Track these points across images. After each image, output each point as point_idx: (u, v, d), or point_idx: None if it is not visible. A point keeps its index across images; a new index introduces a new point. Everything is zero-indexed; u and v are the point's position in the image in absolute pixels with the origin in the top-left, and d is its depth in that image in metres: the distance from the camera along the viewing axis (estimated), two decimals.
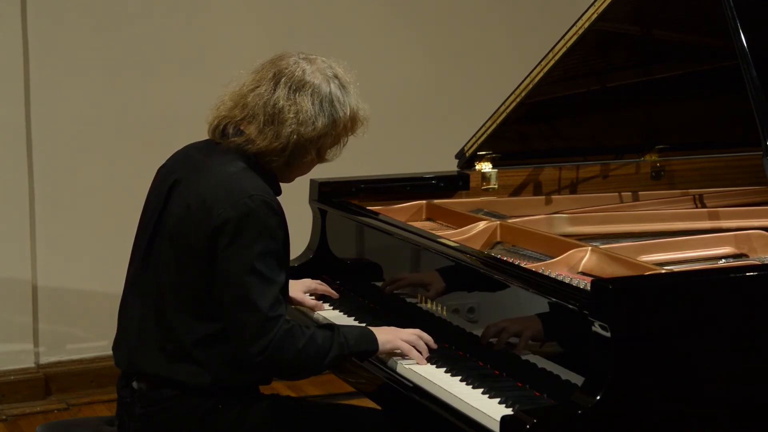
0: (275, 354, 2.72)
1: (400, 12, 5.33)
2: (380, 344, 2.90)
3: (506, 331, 2.82)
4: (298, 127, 2.80)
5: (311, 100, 2.81)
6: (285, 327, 2.73)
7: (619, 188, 3.92)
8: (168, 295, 2.82)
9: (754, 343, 2.61)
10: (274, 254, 2.75)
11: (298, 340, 2.75)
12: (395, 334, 2.93)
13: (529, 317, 2.77)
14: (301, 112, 2.80)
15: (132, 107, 4.88)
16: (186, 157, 2.94)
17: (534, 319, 2.76)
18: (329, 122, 2.83)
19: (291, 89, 2.82)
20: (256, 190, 2.76)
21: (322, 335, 2.81)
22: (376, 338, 2.90)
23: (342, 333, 2.84)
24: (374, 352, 2.91)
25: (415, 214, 3.62)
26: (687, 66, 3.75)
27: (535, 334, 2.76)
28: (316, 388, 4.78)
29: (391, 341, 2.91)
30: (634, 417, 2.49)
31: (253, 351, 2.72)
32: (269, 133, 2.81)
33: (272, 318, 2.72)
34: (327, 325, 2.89)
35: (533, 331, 2.76)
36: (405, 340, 2.91)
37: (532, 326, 2.76)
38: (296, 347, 2.74)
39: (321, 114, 2.82)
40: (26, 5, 4.67)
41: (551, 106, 3.77)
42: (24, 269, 4.78)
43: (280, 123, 2.80)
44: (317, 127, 2.81)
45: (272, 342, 2.71)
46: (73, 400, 4.80)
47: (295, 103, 2.80)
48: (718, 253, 3.17)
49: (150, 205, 2.94)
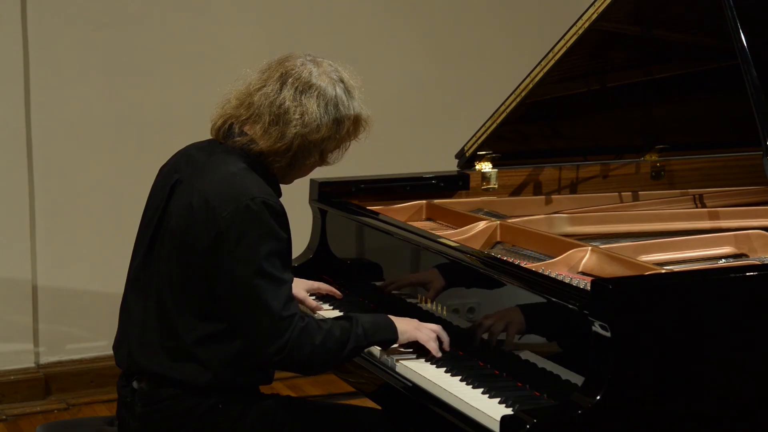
0: (293, 352, 2.73)
1: (400, 12, 5.33)
2: (399, 333, 2.91)
3: (503, 324, 2.83)
4: (303, 128, 2.80)
5: (317, 103, 2.81)
6: (300, 324, 2.74)
7: (619, 188, 3.92)
8: (169, 294, 2.82)
9: (754, 343, 2.61)
10: (280, 255, 2.76)
11: (315, 336, 2.76)
12: (415, 325, 2.94)
13: (528, 317, 2.77)
14: (307, 113, 2.80)
15: (132, 107, 4.88)
16: (188, 156, 2.94)
17: (533, 318, 2.76)
18: (333, 125, 2.83)
19: (297, 90, 2.82)
20: (258, 192, 2.76)
21: (340, 328, 2.82)
22: (395, 327, 2.91)
23: (360, 324, 2.85)
24: (393, 341, 2.92)
25: (415, 214, 3.62)
26: (687, 66, 3.75)
27: (535, 334, 2.76)
28: (316, 388, 4.78)
29: (409, 331, 2.92)
30: (634, 417, 2.49)
31: (271, 351, 2.73)
32: (274, 133, 2.81)
33: (287, 317, 2.72)
34: (345, 317, 2.90)
35: (533, 331, 2.76)
36: (424, 333, 2.92)
37: (532, 326, 2.77)
38: (313, 343, 2.75)
39: (326, 116, 2.82)
40: (26, 5, 4.67)
41: (551, 106, 3.77)
42: (24, 269, 4.78)
43: (285, 124, 2.80)
44: (322, 130, 2.82)
45: (289, 341, 2.72)
46: (73, 400, 4.80)
47: (301, 105, 2.80)
48: (718, 253, 3.17)
49: (152, 204, 2.94)
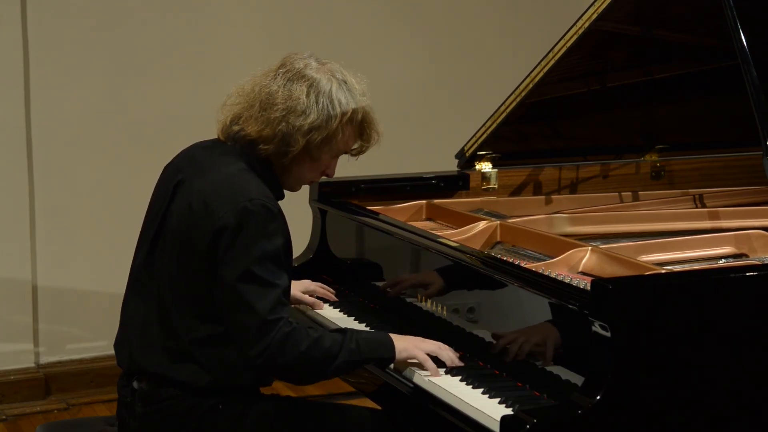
0: (276, 356, 2.70)
1: (400, 12, 5.33)
2: (397, 352, 2.83)
3: (514, 343, 2.78)
4: (288, 114, 2.79)
5: (306, 92, 2.80)
6: (285, 329, 2.71)
7: (619, 188, 3.91)
8: (170, 295, 2.82)
9: (754, 343, 2.61)
10: (273, 257, 2.74)
11: (300, 342, 2.72)
12: (415, 343, 2.86)
13: (528, 318, 2.77)
14: (292, 99, 2.79)
15: (132, 107, 4.88)
16: (191, 156, 2.94)
17: (534, 319, 2.76)
18: (322, 117, 2.80)
19: (287, 79, 2.82)
20: (256, 194, 2.75)
21: (331, 339, 2.76)
22: (393, 346, 2.83)
23: (354, 339, 2.78)
24: (390, 360, 2.84)
25: (415, 214, 3.62)
26: (687, 66, 3.75)
27: (535, 334, 2.76)
28: (316, 388, 4.77)
29: (409, 350, 2.84)
30: (634, 417, 2.49)
31: (252, 353, 2.71)
32: (261, 118, 2.81)
33: (271, 321, 2.70)
34: (338, 330, 2.85)
35: (533, 331, 2.76)
36: (424, 350, 2.84)
37: (532, 327, 2.76)
38: (298, 350, 2.71)
39: (314, 107, 2.80)
40: (26, 5, 4.67)
41: (551, 106, 3.77)
42: (24, 269, 4.78)
43: (270, 107, 2.80)
44: (308, 119, 2.79)
45: (271, 344, 2.69)
46: (73, 400, 4.80)
47: (288, 90, 2.80)
48: (718, 253, 3.17)
49: (155, 203, 2.94)
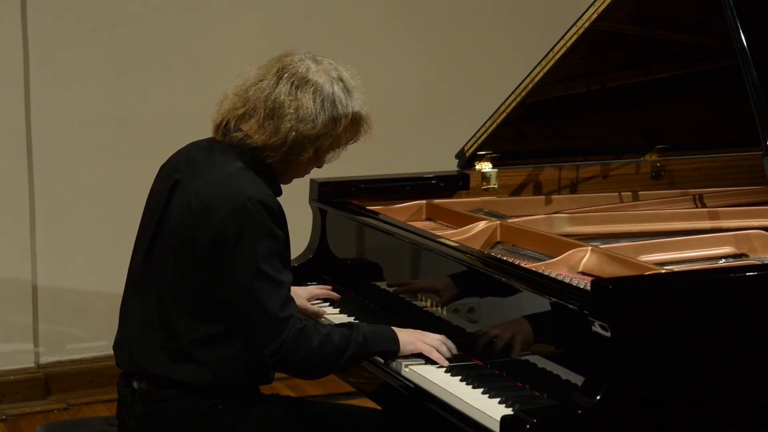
0: (290, 354, 2.72)
1: (400, 12, 5.33)
2: (402, 345, 2.88)
3: (503, 325, 2.82)
4: (298, 123, 2.80)
5: (313, 98, 2.81)
6: (297, 326, 2.73)
7: (619, 188, 3.91)
8: (169, 294, 2.81)
9: (755, 343, 2.61)
10: (278, 255, 2.75)
11: (312, 339, 2.75)
12: (418, 336, 2.91)
13: (528, 317, 2.77)
14: (302, 108, 2.80)
15: (132, 107, 4.88)
16: (188, 156, 2.94)
17: (534, 319, 2.76)
18: (329, 122, 2.82)
19: (293, 85, 2.81)
20: (255, 192, 2.75)
21: (339, 334, 2.80)
22: (398, 339, 2.88)
23: (361, 332, 2.83)
24: (396, 353, 2.88)
25: (415, 214, 3.62)
26: (687, 66, 3.75)
27: (535, 334, 2.76)
28: (316, 388, 4.77)
29: (413, 343, 2.89)
30: (634, 417, 2.49)
31: (266, 352, 2.72)
32: (269, 127, 2.81)
33: (283, 318, 2.72)
34: (346, 324, 2.88)
35: (533, 331, 2.76)
36: (428, 343, 2.89)
37: (532, 327, 2.76)
38: (310, 346, 2.74)
39: (322, 113, 2.81)
40: (26, 5, 4.67)
41: (551, 106, 3.77)
42: (24, 269, 4.78)
43: (280, 118, 2.80)
44: (317, 126, 2.81)
45: (285, 342, 2.71)
46: (73, 400, 4.80)
47: (296, 99, 2.80)
48: (718, 253, 3.17)
49: (151, 204, 2.94)
